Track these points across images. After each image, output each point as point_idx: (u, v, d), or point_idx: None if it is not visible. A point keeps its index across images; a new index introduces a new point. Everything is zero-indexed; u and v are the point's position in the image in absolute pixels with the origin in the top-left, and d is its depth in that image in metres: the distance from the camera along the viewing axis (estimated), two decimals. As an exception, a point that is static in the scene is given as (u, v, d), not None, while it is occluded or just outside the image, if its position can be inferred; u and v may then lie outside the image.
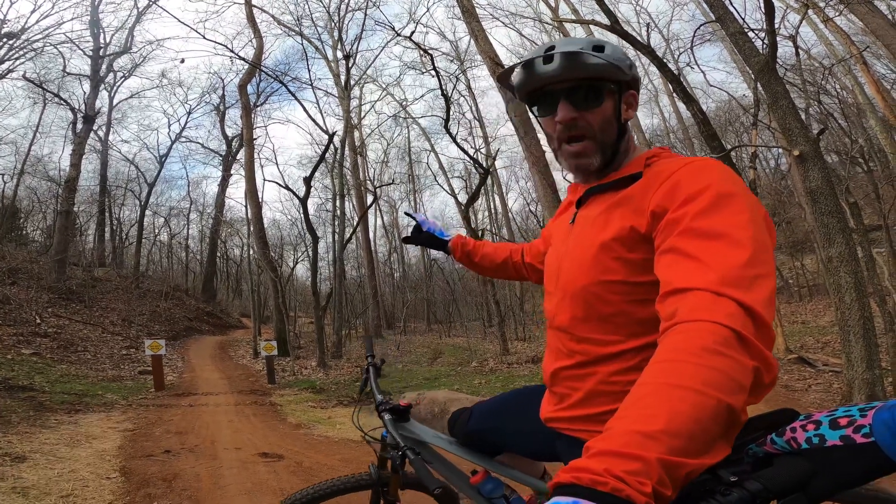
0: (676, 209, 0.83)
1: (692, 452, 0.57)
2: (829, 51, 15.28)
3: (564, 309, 1.05)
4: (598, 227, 0.99)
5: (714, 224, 0.78)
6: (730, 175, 0.86)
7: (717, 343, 0.65)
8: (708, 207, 0.80)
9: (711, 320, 0.68)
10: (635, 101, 1.07)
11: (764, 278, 0.73)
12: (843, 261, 4.87)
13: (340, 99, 18.29)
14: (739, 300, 0.69)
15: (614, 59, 1.00)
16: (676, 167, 0.91)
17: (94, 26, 19.15)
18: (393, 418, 1.48)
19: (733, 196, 0.82)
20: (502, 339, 13.15)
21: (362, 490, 1.61)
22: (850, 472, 0.64)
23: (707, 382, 0.61)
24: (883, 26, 9.66)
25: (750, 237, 0.76)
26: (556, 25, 18.98)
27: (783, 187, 21.37)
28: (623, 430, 0.58)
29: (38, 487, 3.45)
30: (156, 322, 17.60)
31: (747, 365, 0.65)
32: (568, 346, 1.05)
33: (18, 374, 8.32)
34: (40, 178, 23.07)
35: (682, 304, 0.72)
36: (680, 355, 0.65)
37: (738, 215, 0.79)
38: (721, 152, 7.86)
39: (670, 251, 0.81)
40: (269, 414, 7.14)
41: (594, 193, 1.06)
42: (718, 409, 0.60)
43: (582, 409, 1.03)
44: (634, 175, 0.98)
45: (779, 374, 4.32)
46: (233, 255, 32.06)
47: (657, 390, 0.62)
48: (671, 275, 0.78)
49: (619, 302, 0.95)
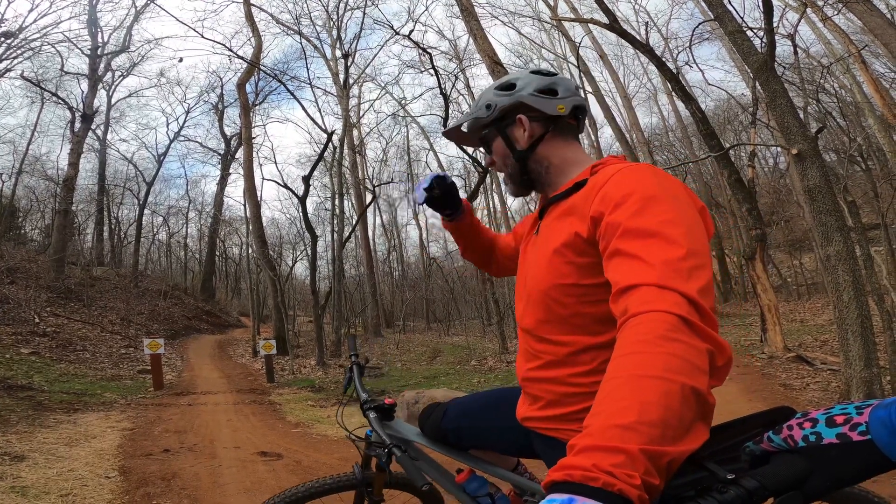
0: (611, 213, 0.89)
1: (670, 439, 0.59)
2: (827, 49, 15.30)
3: (529, 312, 1.11)
4: (552, 234, 1.06)
5: (646, 223, 0.84)
6: (658, 175, 0.93)
7: (668, 330, 0.69)
8: (638, 209, 0.86)
9: (659, 310, 0.72)
10: (523, 125, 1.13)
11: (699, 269, 0.78)
12: (842, 259, 4.88)
13: (339, 98, 18.28)
14: (680, 290, 0.74)
15: (473, 116, 1.19)
16: (610, 174, 0.97)
17: (91, 25, 19.10)
18: (378, 416, 1.49)
19: (661, 195, 0.88)
20: (501, 338, 13.16)
21: (346, 490, 1.60)
22: (847, 469, 0.64)
23: (668, 368, 0.64)
24: (881, 25, 9.66)
25: (681, 233, 0.82)
26: (554, 24, 18.98)
27: (781, 186, 21.39)
28: (600, 425, 0.60)
29: (37, 486, 3.45)
30: (155, 321, 17.59)
31: (700, 347, 0.69)
32: (534, 347, 1.11)
33: (17, 374, 8.31)
34: (38, 178, 23.04)
35: (630, 300, 0.77)
36: (637, 346, 0.68)
37: (664, 214, 0.85)
38: (719, 151, 7.87)
39: (612, 253, 0.86)
40: (268, 413, 7.14)
41: (551, 204, 1.13)
42: (684, 393, 0.62)
43: (554, 410, 1.08)
44: (580, 183, 1.04)
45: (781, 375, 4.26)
46: (232, 254, 32.07)
47: (625, 383, 0.64)
48: (618, 275, 0.83)
49: (574, 304, 1.01)
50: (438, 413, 1.49)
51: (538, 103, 1.12)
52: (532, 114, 1.13)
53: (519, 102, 1.13)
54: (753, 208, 8.47)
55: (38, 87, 19.72)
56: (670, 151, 25.65)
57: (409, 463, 1.17)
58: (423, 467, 1.43)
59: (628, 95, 23.05)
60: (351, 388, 1.63)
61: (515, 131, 1.15)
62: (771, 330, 8.37)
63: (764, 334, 8.67)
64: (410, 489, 1.63)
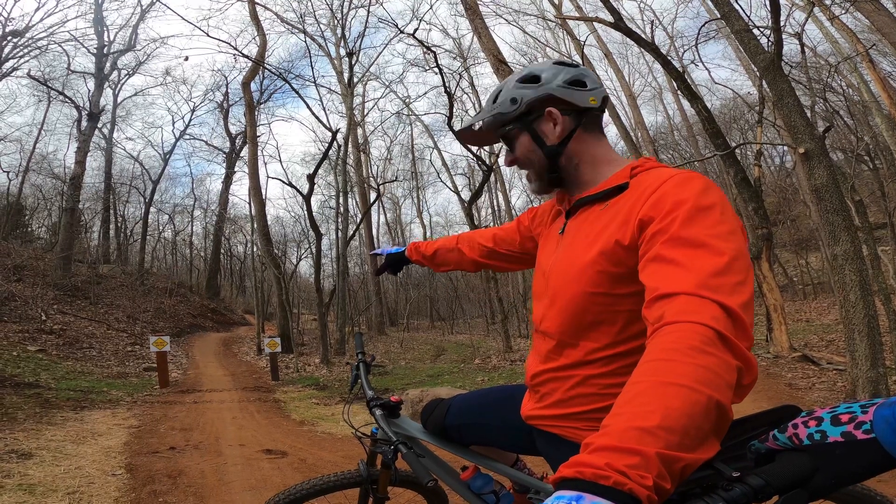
0: (661, 220, 0.87)
1: (687, 447, 0.59)
2: (834, 48, 15.18)
3: (551, 316, 1.09)
4: (585, 240, 1.03)
5: (696, 233, 0.83)
6: (711, 187, 0.91)
7: (703, 343, 0.68)
8: (690, 218, 0.85)
9: (697, 321, 0.71)
10: (554, 119, 1.08)
11: (743, 285, 0.78)
12: (849, 259, 4.86)
13: (343, 96, 18.28)
14: (722, 303, 0.73)
15: (495, 112, 1.12)
16: (663, 179, 0.94)
17: (98, 24, 19.21)
18: (384, 414, 1.49)
19: (713, 207, 0.86)
20: (505, 337, 13.15)
21: (350, 488, 1.59)
22: (852, 468, 0.64)
23: (698, 380, 0.64)
24: (889, 24, 9.60)
25: (730, 246, 0.81)
26: (559, 23, 18.93)
27: (788, 185, 21.30)
28: (621, 426, 0.60)
29: (45, 484, 3.47)
30: (160, 319, 17.68)
31: (731, 364, 0.68)
32: (552, 350, 1.09)
33: (24, 371, 8.38)
34: (45, 176, 23.25)
35: (668, 308, 0.75)
36: (670, 354, 0.68)
37: (718, 226, 0.84)
38: (725, 150, 7.84)
39: (655, 259, 0.84)
40: (273, 411, 7.16)
41: (582, 205, 1.09)
42: (709, 406, 0.62)
43: (561, 409, 1.07)
44: (621, 186, 1.02)
45: (786, 375, 4.26)
46: (237, 252, 32.26)
47: (651, 388, 0.64)
48: (657, 281, 0.81)
49: (602, 312, 0.99)
50: (441, 409, 1.50)
51: (569, 95, 1.07)
52: (563, 107, 1.07)
53: (548, 95, 1.07)
54: (759, 207, 8.43)
55: (45, 86, 19.87)
56: (675, 150, 25.58)
57: (414, 459, 1.18)
58: (428, 464, 1.44)
59: (633, 94, 22.98)
60: (357, 385, 1.64)
61: (544, 126, 1.09)
62: (777, 329, 8.33)
63: (769, 334, 8.64)
64: (415, 487, 1.63)
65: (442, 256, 1.71)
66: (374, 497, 1.58)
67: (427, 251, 1.73)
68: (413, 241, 1.83)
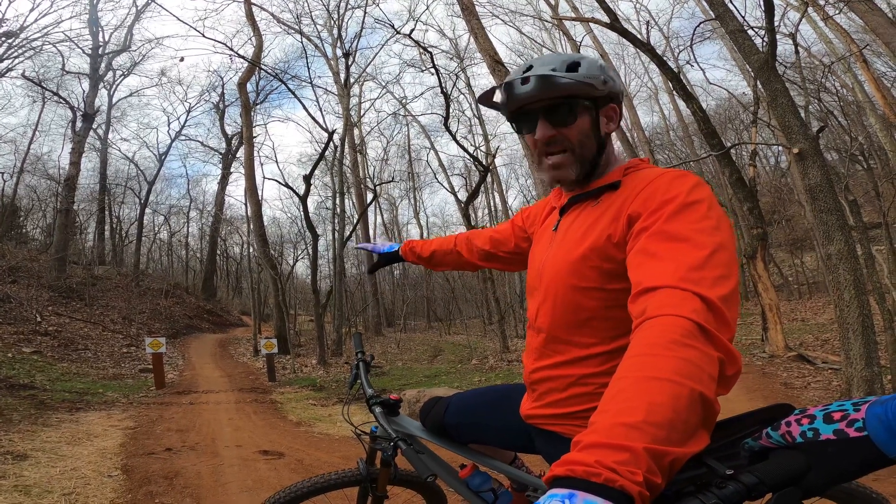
0: (649, 215, 0.89)
1: (674, 441, 0.59)
2: (828, 49, 15.25)
3: (545, 312, 1.10)
4: (577, 236, 1.05)
5: (680, 228, 0.84)
6: (700, 185, 0.92)
7: (684, 336, 0.69)
8: (676, 213, 0.87)
9: (678, 314, 0.72)
10: (616, 115, 1.11)
11: (725, 278, 0.78)
12: (843, 258, 4.88)
13: (340, 97, 18.27)
14: (703, 296, 0.74)
15: (587, 77, 1.03)
16: (653, 177, 0.97)
17: (92, 24, 19.13)
18: (384, 411, 1.50)
19: (700, 203, 0.88)
20: (502, 337, 13.15)
21: (350, 486, 1.59)
22: (844, 465, 0.65)
23: (679, 373, 0.64)
24: (883, 24, 9.65)
25: (713, 240, 0.82)
26: (555, 23, 18.96)
27: (783, 185, 21.39)
28: (607, 423, 0.61)
29: (40, 485, 3.46)
30: (156, 320, 17.61)
31: (713, 356, 0.69)
32: (546, 346, 1.10)
33: (19, 373, 8.34)
34: (40, 177, 23.11)
35: (650, 302, 0.77)
36: (652, 349, 0.69)
37: (703, 221, 0.85)
38: (721, 150, 7.87)
39: (640, 253, 0.86)
40: (270, 412, 7.15)
41: (576, 202, 1.11)
42: (693, 398, 0.63)
43: (559, 408, 1.08)
44: (613, 184, 1.04)
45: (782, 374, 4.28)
46: (233, 253, 32.14)
47: (634, 383, 0.65)
48: (640, 275, 0.82)
49: (595, 307, 1.01)
50: (440, 408, 1.50)
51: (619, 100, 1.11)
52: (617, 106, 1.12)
53: (619, 92, 1.11)
54: (754, 207, 8.46)
55: (40, 87, 19.77)
56: (671, 150, 25.64)
57: (413, 456, 1.19)
58: (427, 461, 1.45)
59: (629, 94, 23.04)
60: (357, 384, 1.64)
61: (606, 117, 1.10)
62: (772, 329, 8.37)
63: (765, 333, 8.68)
64: (414, 485, 1.64)
65: (439, 258, 1.72)
66: (374, 495, 1.58)
67: (423, 252, 1.74)
68: (408, 240, 1.83)
